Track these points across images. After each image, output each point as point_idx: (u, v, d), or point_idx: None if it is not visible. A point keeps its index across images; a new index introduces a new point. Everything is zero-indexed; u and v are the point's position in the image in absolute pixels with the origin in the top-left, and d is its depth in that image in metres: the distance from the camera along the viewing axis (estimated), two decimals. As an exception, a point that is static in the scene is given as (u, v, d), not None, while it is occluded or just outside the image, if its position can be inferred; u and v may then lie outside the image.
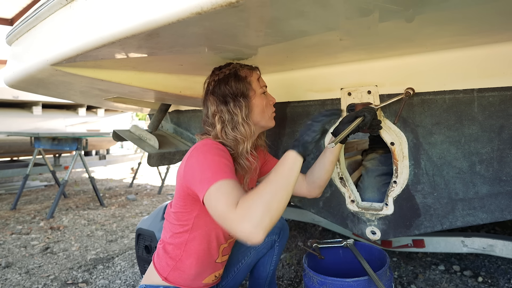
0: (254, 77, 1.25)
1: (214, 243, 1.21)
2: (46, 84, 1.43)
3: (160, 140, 2.04)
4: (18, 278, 2.15)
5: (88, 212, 3.80)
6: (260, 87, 1.25)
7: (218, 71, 1.24)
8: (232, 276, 1.44)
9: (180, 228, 1.17)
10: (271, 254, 1.50)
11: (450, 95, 1.18)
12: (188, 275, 1.19)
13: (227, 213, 0.89)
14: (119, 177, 6.56)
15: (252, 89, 1.22)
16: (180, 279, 1.18)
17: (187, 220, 1.16)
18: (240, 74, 1.22)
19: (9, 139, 5.21)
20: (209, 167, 1.01)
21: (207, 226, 1.17)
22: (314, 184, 1.33)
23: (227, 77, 1.21)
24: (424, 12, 0.80)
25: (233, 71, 1.22)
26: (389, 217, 1.37)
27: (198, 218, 1.15)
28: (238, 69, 1.22)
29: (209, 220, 1.14)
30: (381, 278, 1.24)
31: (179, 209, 1.17)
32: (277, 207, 0.90)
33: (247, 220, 0.85)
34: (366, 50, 1.17)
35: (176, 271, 1.18)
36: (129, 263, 2.34)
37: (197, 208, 1.14)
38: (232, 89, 1.19)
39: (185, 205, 1.15)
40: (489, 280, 1.90)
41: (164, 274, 1.18)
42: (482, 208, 1.19)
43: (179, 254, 1.18)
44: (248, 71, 1.24)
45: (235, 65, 1.24)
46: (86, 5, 0.97)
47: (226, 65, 1.25)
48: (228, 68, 1.23)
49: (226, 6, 0.65)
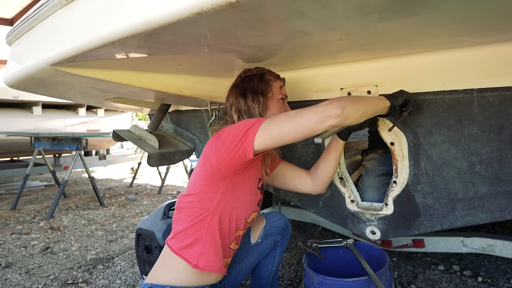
0: (277, 84, 1.33)
1: (233, 225, 1.22)
2: (46, 84, 1.43)
3: (160, 140, 2.04)
4: (18, 278, 2.15)
5: (88, 212, 3.80)
6: (280, 94, 1.32)
7: (248, 69, 1.34)
8: (234, 275, 1.44)
9: (201, 210, 1.17)
10: (273, 254, 1.50)
11: (450, 95, 1.18)
12: (217, 256, 1.17)
13: (312, 109, 1.02)
14: (119, 177, 6.56)
15: (271, 92, 1.30)
16: (210, 262, 1.16)
17: (211, 199, 1.16)
18: (265, 76, 1.31)
19: (9, 139, 5.21)
20: (244, 122, 1.11)
21: (231, 205, 1.20)
22: (319, 182, 1.37)
23: (253, 76, 1.31)
24: (424, 12, 0.80)
25: (260, 73, 1.31)
26: (389, 217, 1.37)
27: (224, 195, 1.17)
28: (265, 73, 1.32)
29: (234, 198, 1.20)
30: (381, 278, 1.24)
31: (200, 189, 1.17)
32: (359, 106, 1.06)
33: (334, 102, 1.00)
34: (366, 50, 1.17)
35: (204, 254, 1.16)
36: (129, 263, 2.34)
37: (224, 185, 1.16)
38: (253, 86, 1.28)
39: (210, 184, 1.16)
40: (488, 280, 1.90)
41: (194, 261, 1.15)
42: (481, 208, 1.19)
43: (202, 237, 1.16)
44: (273, 77, 1.33)
45: (264, 68, 1.34)
46: (86, 5, 0.97)
47: (256, 67, 1.35)
48: (256, 69, 1.33)
49: (226, 6, 0.65)
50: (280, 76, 1.37)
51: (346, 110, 1.00)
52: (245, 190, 1.22)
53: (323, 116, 0.99)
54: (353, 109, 1.03)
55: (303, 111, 1.03)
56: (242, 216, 1.24)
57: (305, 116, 1.01)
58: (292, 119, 1.03)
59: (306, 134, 1.02)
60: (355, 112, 1.03)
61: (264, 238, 1.47)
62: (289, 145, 1.60)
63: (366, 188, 1.49)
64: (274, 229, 1.48)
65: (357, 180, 1.62)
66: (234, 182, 1.18)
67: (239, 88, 1.30)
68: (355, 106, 1.04)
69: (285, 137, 1.04)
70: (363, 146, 2.06)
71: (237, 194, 1.20)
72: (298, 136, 1.03)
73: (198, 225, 1.17)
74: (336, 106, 0.99)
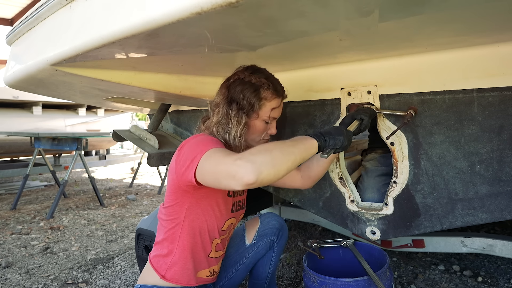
0: (271, 104, 1.19)
1: (206, 237, 1.23)
2: (46, 84, 1.43)
3: (160, 140, 2.04)
4: (18, 278, 2.15)
5: (88, 212, 3.80)
6: (268, 117, 1.20)
7: (249, 72, 1.19)
8: (230, 277, 1.44)
9: (172, 223, 1.20)
10: (270, 255, 1.50)
11: (450, 95, 1.18)
12: (184, 270, 1.20)
13: (231, 162, 0.90)
14: (119, 177, 6.56)
15: (257, 113, 1.18)
16: (177, 276, 1.19)
17: (178, 213, 1.18)
18: (260, 92, 1.16)
19: (9, 139, 5.21)
20: (200, 144, 1.05)
21: (199, 219, 1.20)
22: (310, 179, 1.38)
23: (249, 85, 1.17)
24: (424, 12, 0.80)
25: (258, 84, 1.16)
26: (389, 217, 1.37)
27: (189, 210, 1.18)
28: (264, 86, 1.17)
29: (200, 212, 1.19)
30: (381, 278, 1.24)
31: (170, 204, 1.19)
32: (279, 167, 0.91)
33: (251, 162, 0.87)
34: (366, 50, 1.17)
35: (172, 267, 1.20)
36: (129, 263, 2.34)
37: (188, 199, 1.16)
38: (242, 98, 1.16)
39: (176, 198, 1.17)
40: (488, 280, 1.90)
41: (162, 272, 1.20)
42: (481, 208, 1.19)
43: (173, 250, 1.20)
44: (270, 94, 1.18)
45: (265, 81, 1.17)
46: (86, 5, 0.97)
47: (260, 72, 1.19)
48: (258, 78, 1.17)
49: (226, 6, 0.65)
50: (281, 93, 1.22)
51: (262, 176, 0.87)
52: (212, 203, 1.21)
53: (237, 178, 0.88)
54: (271, 172, 0.89)
55: (224, 161, 0.93)
56: (214, 227, 1.23)
57: (223, 170, 0.92)
58: (217, 167, 0.94)
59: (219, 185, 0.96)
60: (274, 174, 0.90)
61: (259, 239, 1.46)
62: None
63: (366, 188, 1.49)
64: (269, 229, 1.48)
65: (357, 180, 1.62)
66: (197, 197, 1.17)
67: (229, 91, 1.18)
68: (274, 168, 0.90)
69: (208, 182, 0.99)
70: (363, 146, 2.06)
71: (203, 208, 1.19)
72: (215, 185, 0.97)
73: (171, 237, 1.20)
74: (250, 171, 0.86)
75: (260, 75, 1.18)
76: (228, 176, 0.90)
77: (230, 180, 0.89)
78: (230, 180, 0.89)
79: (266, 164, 0.88)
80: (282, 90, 1.23)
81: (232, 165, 0.90)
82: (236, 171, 0.88)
